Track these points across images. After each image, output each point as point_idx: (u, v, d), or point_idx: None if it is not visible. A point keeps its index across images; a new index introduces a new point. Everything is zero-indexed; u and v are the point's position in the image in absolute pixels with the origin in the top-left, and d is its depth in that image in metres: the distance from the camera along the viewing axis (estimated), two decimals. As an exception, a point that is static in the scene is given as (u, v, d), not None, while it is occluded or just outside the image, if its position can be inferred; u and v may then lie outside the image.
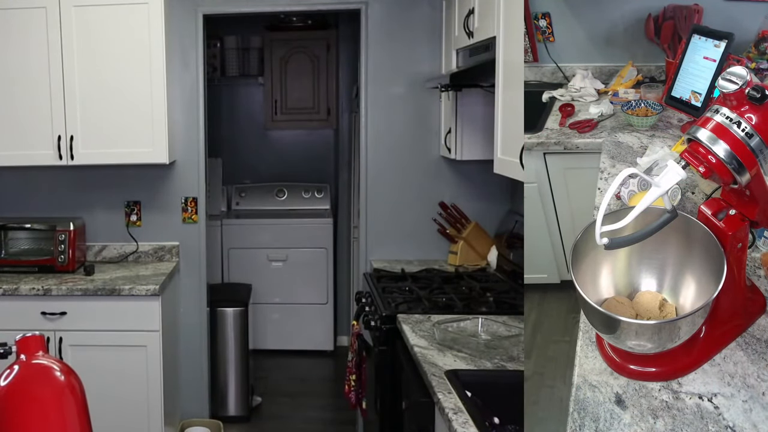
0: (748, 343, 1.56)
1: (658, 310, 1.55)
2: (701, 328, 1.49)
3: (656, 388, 1.51)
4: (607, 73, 3.31)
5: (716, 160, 1.36)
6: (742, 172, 1.35)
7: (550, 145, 2.90)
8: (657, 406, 1.47)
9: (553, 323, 3.36)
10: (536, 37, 3.36)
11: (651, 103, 2.77)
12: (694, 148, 1.39)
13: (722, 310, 1.49)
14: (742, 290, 1.55)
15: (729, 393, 1.46)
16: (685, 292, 1.55)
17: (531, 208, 3.26)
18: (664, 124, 2.73)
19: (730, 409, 1.42)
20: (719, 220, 1.45)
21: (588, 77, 3.23)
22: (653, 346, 1.43)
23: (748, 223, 1.46)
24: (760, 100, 1.31)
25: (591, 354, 1.63)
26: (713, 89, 2.49)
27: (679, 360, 1.52)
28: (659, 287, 1.59)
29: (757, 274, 1.73)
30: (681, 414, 1.44)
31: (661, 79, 3.08)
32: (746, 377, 1.49)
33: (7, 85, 3.49)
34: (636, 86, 3.06)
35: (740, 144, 1.34)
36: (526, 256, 3.26)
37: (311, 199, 5.52)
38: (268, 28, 5.47)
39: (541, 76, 3.47)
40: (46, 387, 1.31)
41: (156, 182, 3.86)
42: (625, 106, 2.78)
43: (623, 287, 1.61)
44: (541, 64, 3.46)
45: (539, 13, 3.28)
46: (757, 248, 1.79)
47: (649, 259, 1.59)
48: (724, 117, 1.36)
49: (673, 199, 1.99)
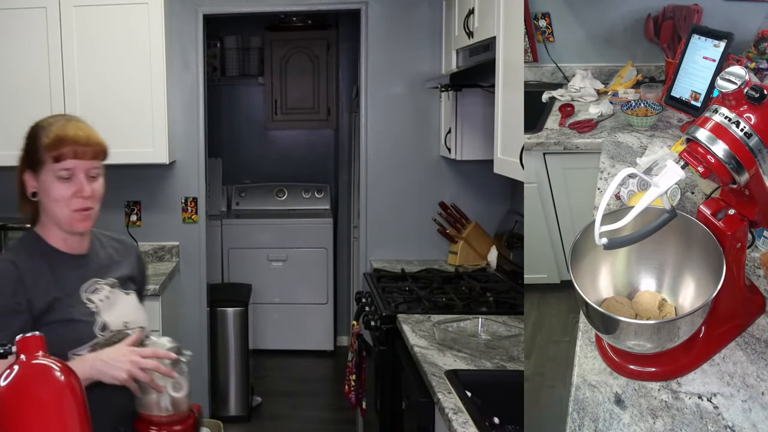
0: (747, 343, 1.56)
1: (657, 310, 1.55)
2: (700, 328, 1.49)
3: (656, 388, 1.51)
4: (606, 73, 3.31)
5: (715, 159, 1.36)
6: (741, 171, 1.36)
7: (550, 145, 2.90)
8: (656, 406, 1.47)
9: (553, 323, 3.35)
10: (536, 37, 3.36)
11: (651, 103, 2.77)
12: (693, 148, 1.39)
13: (721, 309, 1.49)
14: (741, 290, 1.55)
15: (728, 393, 1.46)
16: (684, 292, 1.55)
17: (531, 208, 3.26)
18: (664, 124, 2.73)
19: (729, 409, 1.42)
20: (718, 220, 1.45)
21: (588, 77, 3.23)
22: (652, 346, 1.43)
23: (747, 223, 1.46)
24: (759, 99, 1.31)
25: (590, 354, 1.63)
26: (713, 89, 2.49)
27: (679, 360, 1.52)
28: (658, 287, 1.59)
29: (757, 273, 1.73)
30: (680, 414, 1.44)
31: (660, 79, 3.08)
32: (746, 377, 1.49)
33: (7, 85, 3.49)
34: (636, 86, 3.06)
35: (739, 144, 1.34)
36: (526, 256, 3.26)
37: (311, 199, 5.52)
38: (268, 28, 5.47)
39: (541, 76, 3.47)
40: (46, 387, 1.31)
41: (156, 182, 3.86)
42: (624, 106, 2.78)
43: (622, 287, 1.61)
44: (541, 64, 3.45)
45: (539, 13, 3.28)
46: (757, 248, 1.79)
47: (649, 259, 1.59)
48: (723, 117, 1.36)
49: (672, 199, 1.99)
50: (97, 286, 1.76)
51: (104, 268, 1.81)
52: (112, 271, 1.82)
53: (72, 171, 1.67)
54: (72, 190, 1.67)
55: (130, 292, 1.84)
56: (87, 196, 1.68)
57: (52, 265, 1.72)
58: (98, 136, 1.73)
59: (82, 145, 1.68)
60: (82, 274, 1.75)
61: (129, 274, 1.86)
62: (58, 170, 1.66)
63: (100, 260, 1.82)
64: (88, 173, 1.69)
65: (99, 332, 1.70)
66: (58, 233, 1.73)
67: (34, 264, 1.69)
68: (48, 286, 1.68)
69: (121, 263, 1.87)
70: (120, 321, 1.75)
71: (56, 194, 1.67)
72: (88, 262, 1.79)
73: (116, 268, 1.84)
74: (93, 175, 1.70)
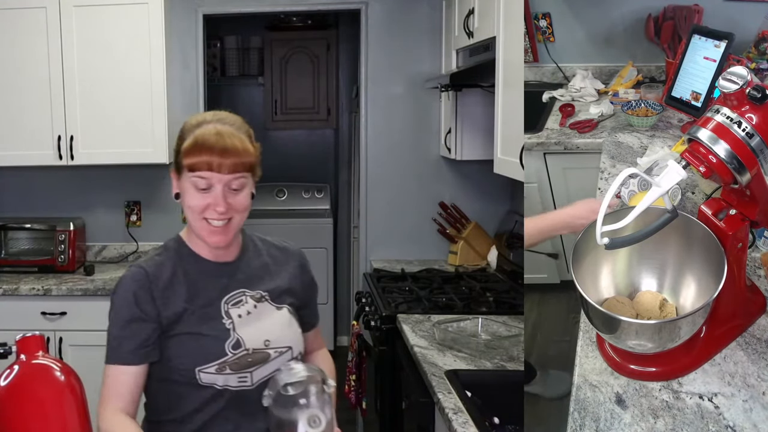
0: (748, 343, 1.56)
1: (658, 309, 1.55)
2: (701, 328, 1.49)
3: (656, 387, 1.51)
4: (607, 73, 3.31)
5: (717, 159, 1.36)
6: (743, 171, 1.35)
7: (550, 145, 2.90)
8: (657, 406, 1.47)
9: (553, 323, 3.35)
10: (536, 37, 3.35)
11: (651, 103, 2.76)
12: (694, 148, 1.39)
13: (722, 310, 1.49)
14: (742, 290, 1.54)
15: (729, 393, 1.46)
16: (685, 291, 1.55)
17: (531, 208, 3.25)
18: (664, 124, 2.73)
19: (730, 409, 1.42)
20: (719, 220, 1.45)
21: (588, 77, 3.22)
22: (653, 345, 1.43)
23: (748, 223, 1.46)
24: (761, 100, 1.31)
25: (591, 354, 1.63)
26: (713, 89, 2.49)
27: (680, 360, 1.52)
28: (659, 287, 1.59)
29: (757, 274, 1.73)
30: (681, 414, 1.44)
31: (661, 80, 3.08)
32: (746, 377, 1.49)
33: (7, 85, 3.49)
34: (636, 86, 3.06)
35: (741, 144, 1.34)
36: (526, 256, 3.26)
37: (311, 199, 5.52)
38: (268, 28, 5.47)
39: (541, 76, 3.47)
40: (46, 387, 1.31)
41: (156, 182, 3.86)
42: (625, 106, 2.78)
43: (623, 287, 1.61)
44: (541, 64, 3.45)
45: (539, 13, 3.28)
46: (757, 248, 1.79)
47: (650, 259, 1.59)
48: (725, 117, 1.36)
49: (672, 199, 1.99)
50: (242, 298, 1.59)
51: (254, 278, 1.63)
52: (263, 282, 1.64)
53: (209, 181, 1.50)
54: (206, 202, 1.51)
55: (282, 306, 1.64)
56: (221, 212, 1.51)
57: (190, 274, 1.58)
58: (242, 144, 1.51)
59: (218, 155, 1.48)
60: (225, 285, 1.59)
61: (285, 287, 1.67)
62: (193, 179, 1.51)
63: (251, 269, 1.64)
64: (228, 185, 1.51)
65: (230, 350, 1.53)
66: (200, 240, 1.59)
67: (169, 271, 1.57)
68: (179, 296, 1.55)
69: (277, 273, 1.67)
70: (260, 339, 1.56)
71: (191, 203, 1.53)
72: (235, 271, 1.62)
73: (270, 279, 1.65)
74: (235, 187, 1.52)
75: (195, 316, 1.54)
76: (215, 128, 1.51)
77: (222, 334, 1.54)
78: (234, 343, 1.53)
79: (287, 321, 1.63)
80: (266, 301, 1.61)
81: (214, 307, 1.56)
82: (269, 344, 1.57)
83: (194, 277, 1.58)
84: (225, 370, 1.52)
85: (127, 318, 1.53)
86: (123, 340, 1.53)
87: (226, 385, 1.53)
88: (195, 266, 1.59)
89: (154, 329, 1.52)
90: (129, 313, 1.52)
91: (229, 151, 1.49)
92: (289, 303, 1.65)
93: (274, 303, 1.63)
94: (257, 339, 1.56)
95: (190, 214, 1.55)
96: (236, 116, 1.60)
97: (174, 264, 1.59)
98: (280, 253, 1.72)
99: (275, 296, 1.63)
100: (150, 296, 1.53)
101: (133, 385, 1.55)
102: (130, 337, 1.52)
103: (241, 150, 1.51)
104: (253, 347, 1.55)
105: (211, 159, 1.48)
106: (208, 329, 1.54)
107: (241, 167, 1.51)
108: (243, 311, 1.57)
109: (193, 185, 1.51)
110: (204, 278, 1.58)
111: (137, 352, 1.53)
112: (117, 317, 1.55)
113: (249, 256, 1.65)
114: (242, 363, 1.53)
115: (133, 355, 1.53)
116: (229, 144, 1.49)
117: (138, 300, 1.52)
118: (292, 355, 1.60)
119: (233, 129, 1.53)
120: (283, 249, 1.73)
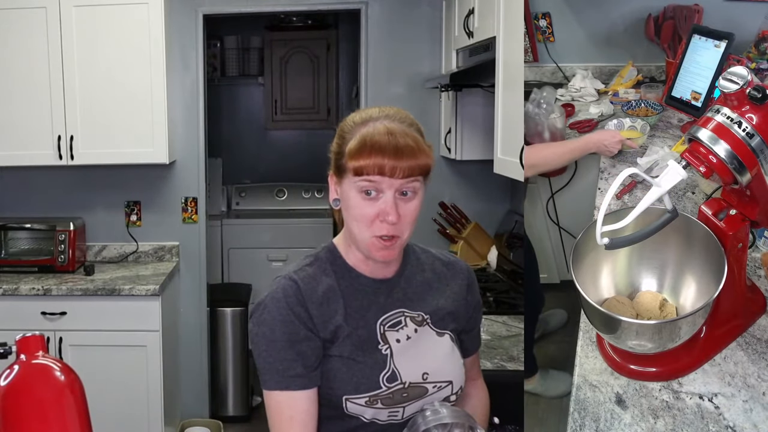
0: (748, 343, 1.56)
1: (658, 310, 1.55)
2: (701, 328, 1.49)
3: (657, 388, 1.51)
4: (607, 73, 3.30)
5: (717, 159, 1.36)
6: (743, 172, 1.35)
7: (551, 145, 2.89)
8: (657, 406, 1.47)
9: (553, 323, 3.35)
10: (536, 37, 3.35)
11: (651, 103, 2.76)
12: (694, 148, 1.39)
13: (723, 310, 1.49)
14: (742, 290, 1.54)
15: (729, 393, 1.46)
16: (685, 292, 1.55)
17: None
18: (664, 124, 2.73)
19: (730, 409, 1.42)
20: (720, 220, 1.45)
21: (588, 77, 3.22)
22: (654, 346, 1.43)
23: (748, 223, 1.46)
24: (761, 100, 1.31)
25: (591, 354, 1.63)
26: (713, 89, 2.49)
27: (680, 360, 1.52)
28: (660, 287, 1.59)
29: (758, 274, 1.73)
30: (681, 414, 1.44)
31: (661, 79, 3.08)
32: (747, 377, 1.48)
33: (7, 85, 3.49)
34: (636, 86, 3.05)
35: (741, 144, 1.34)
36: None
37: (311, 199, 5.52)
38: (268, 28, 5.47)
39: (541, 76, 3.46)
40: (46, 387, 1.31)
41: (156, 182, 3.86)
42: (625, 106, 2.78)
43: (624, 287, 1.61)
44: (541, 64, 3.45)
45: (539, 13, 3.27)
46: (758, 248, 1.79)
47: (650, 259, 1.59)
48: (725, 117, 1.36)
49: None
50: (400, 320, 1.40)
51: (415, 297, 1.43)
52: (425, 302, 1.44)
53: (377, 185, 1.30)
54: (375, 211, 1.31)
55: (444, 332, 1.43)
56: (392, 222, 1.30)
57: (344, 289, 1.39)
58: (416, 144, 1.32)
59: (390, 157, 1.28)
60: (383, 304, 1.40)
61: (449, 309, 1.45)
62: (360, 183, 1.31)
63: (412, 287, 1.44)
64: (399, 190, 1.31)
65: (385, 383, 1.34)
66: (357, 252, 1.39)
67: (324, 285, 1.38)
68: (335, 315, 1.36)
69: (440, 292, 1.47)
70: (418, 371, 1.37)
71: (356, 212, 1.32)
72: (394, 288, 1.42)
73: (432, 299, 1.45)
74: (407, 192, 1.32)
75: (350, 339, 1.36)
76: (385, 126, 1.32)
77: (378, 363, 1.36)
78: (389, 376, 1.35)
79: (449, 350, 1.43)
80: (427, 325, 1.42)
81: (369, 329, 1.38)
82: (427, 377, 1.38)
83: (349, 293, 1.39)
84: (376, 404, 1.34)
85: (289, 335, 1.34)
86: (291, 362, 1.33)
87: (375, 419, 1.36)
88: (350, 281, 1.40)
89: (318, 346, 1.35)
90: (291, 329, 1.34)
91: (402, 151, 1.29)
92: (451, 329, 1.45)
93: (436, 328, 1.43)
94: (415, 371, 1.37)
95: (356, 225, 1.34)
96: (405, 111, 1.40)
97: (328, 277, 1.40)
98: (446, 268, 1.51)
99: (437, 319, 1.44)
100: (306, 312, 1.35)
101: (313, 410, 1.36)
102: (297, 358, 1.33)
103: (416, 150, 1.31)
104: (410, 381, 1.36)
105: (383, 161, 1.28)
106: (363, 356, 1.36)
107: (417, 170, 1.31)
108: (402, 336, 1.39)
109: (360, 191, 1.31)
110: (360, 296, 1.40)
111: (310, 374, 1.35)
112: (275, 335, 1.34)
113: (411, 271, 1.46)
114: (396, 398, 1.35)
115: (308, 380, 1.35)
116: (402, 143, 1.30)
117: (297, 315, 1.34)
118: (452, 390, 1.41)
119: (404, 126, 1.35)
120: (448, 263, 1.52)
